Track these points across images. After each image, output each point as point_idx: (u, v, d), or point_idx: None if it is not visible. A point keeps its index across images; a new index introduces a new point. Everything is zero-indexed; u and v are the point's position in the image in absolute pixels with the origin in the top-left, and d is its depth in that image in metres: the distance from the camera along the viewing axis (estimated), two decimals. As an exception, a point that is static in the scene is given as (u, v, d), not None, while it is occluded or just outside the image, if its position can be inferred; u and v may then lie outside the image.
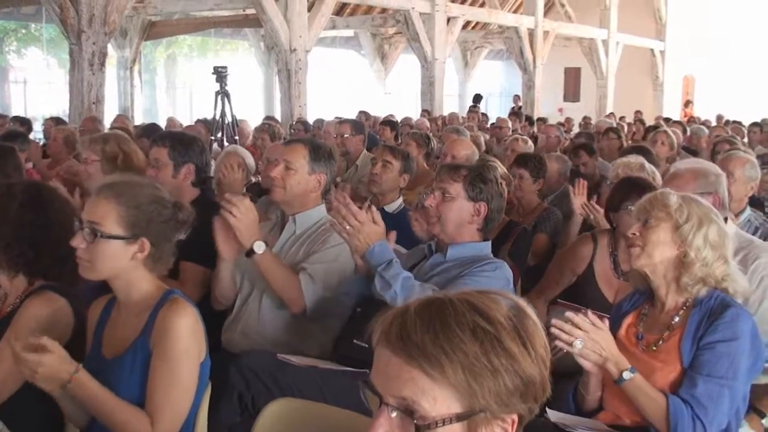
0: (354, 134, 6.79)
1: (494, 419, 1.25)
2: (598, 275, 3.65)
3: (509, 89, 25.78)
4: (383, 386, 1.26)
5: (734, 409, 2.37)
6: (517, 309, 1.31)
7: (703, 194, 3.25)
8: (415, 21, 14.62)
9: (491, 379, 1.22)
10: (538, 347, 1.28)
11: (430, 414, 1.22)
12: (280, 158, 3.47)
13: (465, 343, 1.22)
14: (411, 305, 1.29)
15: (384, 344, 1.27)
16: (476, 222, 3.07)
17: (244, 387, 2.75)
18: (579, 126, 14.35)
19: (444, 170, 3.15)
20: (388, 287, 2.79)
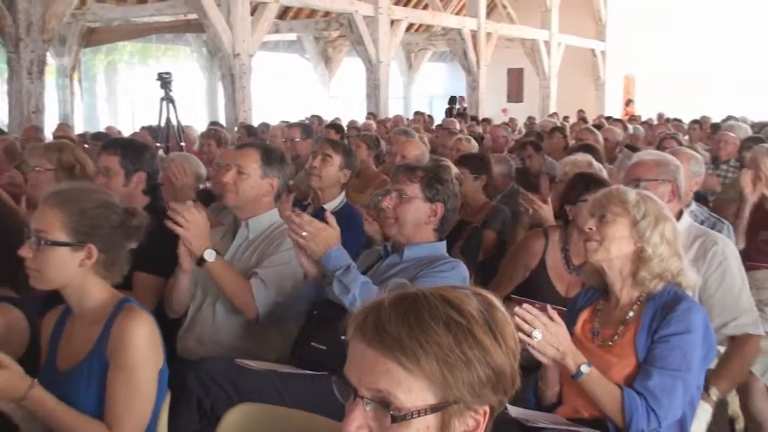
0: (304, 138, 6.79)
1: (467, 410, 1.27)
2: (550, 269, 3.70)
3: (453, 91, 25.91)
4: (358, 379, 1.27)
5: (688, 399, 2.42)
6: (487, 302, 1.33)
7: (663, 181, 3.38)
8: (359, 24, 14.65)
9: (465, 371, 1.25)
10: (508, 339, 1.31)
11: (405, 405, 1.23)
12: (232, 163, 3.45)
13: (439, 336, 1.25)
14: (385, 299, 1.31)
15: (359, 338, 1.28)
16: (433, 222, 3.08)
17: (202, 393, 2.73)
18: (524, 126, 14.51)
19: (400, 171, 3.15)
20: (346, 292, 2.79)
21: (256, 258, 3.30)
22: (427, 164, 3.24)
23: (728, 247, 3.26)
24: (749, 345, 3.08)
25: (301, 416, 2.30)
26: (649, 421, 2.31)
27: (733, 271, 3.17)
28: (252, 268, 3.24)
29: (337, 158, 4.58)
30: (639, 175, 3.42)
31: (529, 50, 22.12)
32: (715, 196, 6.08)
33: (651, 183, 3.36)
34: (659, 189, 3.36)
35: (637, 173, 3.44)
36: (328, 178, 4.59)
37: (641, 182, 3.36)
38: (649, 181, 3.37)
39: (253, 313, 3.15)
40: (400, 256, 3.09)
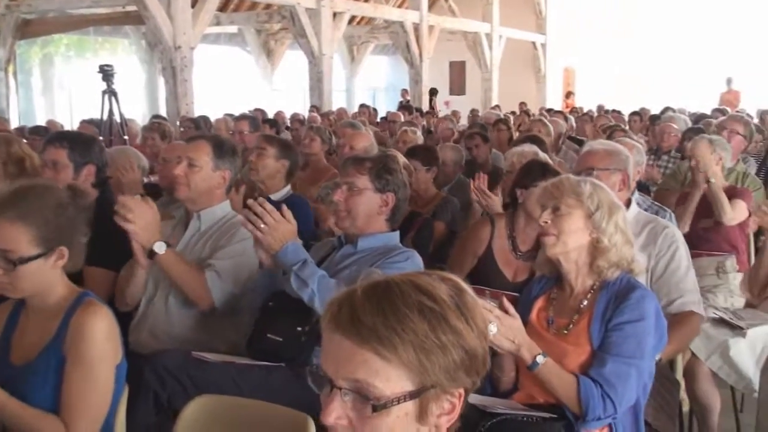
0: (252, 130, 6.75)
1: (444, 394, 1.30)
2: (498, 256, 3.74)
3: (396, 84, 25.95)
4: (335, 370, 1.29)
5: (641, 385, 2.47)
6: (456, 287, 1.36)
7: (614, 170, 3.46)
8: (301, 16, 14.54)
9: (441, 356, 1.28)
10: (478, 322, 1.34)
11: (384, 394, 1.25)
12: (183, 156, 3.43)
13: (414, 323, 1.27)
14: (357, 288, 1.32)
15: (334, 329, 1.30)
16: (385, 213, 3.10)
17: (159, 386, 2.71)
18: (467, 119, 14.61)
19: (349, 164, 3.16)
20: (304, 286, 2.79)
21: (208, 250, 3.29)
22: (375, 155, 3.26)
23: (677, 231, 3.37)
24: (691, 322, 3.17)
25: (259, 406, 2.32)
26: (605, 408, 2.35)
27: (681, 254, 3.27)
28: (205, 260, 3.23)
29: (271, 150, 4.63)
30: (592, 164, 3.49)
31: (471, 43, 22.24)
32: (656, 186, 6.22)
33: (603, 172, 3.44)
34: (611, 178, 3.44)
35: (590, 162, 3.51)
36: (266, 170, 4.63)
37: (594, 171, 3.43)
38: (601, 170, 3.45)
39: (207, 305, 3.13)
40: (354, 246, 3.10)
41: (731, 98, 18.08)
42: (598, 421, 2.38)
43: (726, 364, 3.46)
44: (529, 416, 2.37)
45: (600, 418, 2.37)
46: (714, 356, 3.48)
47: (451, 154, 5.90)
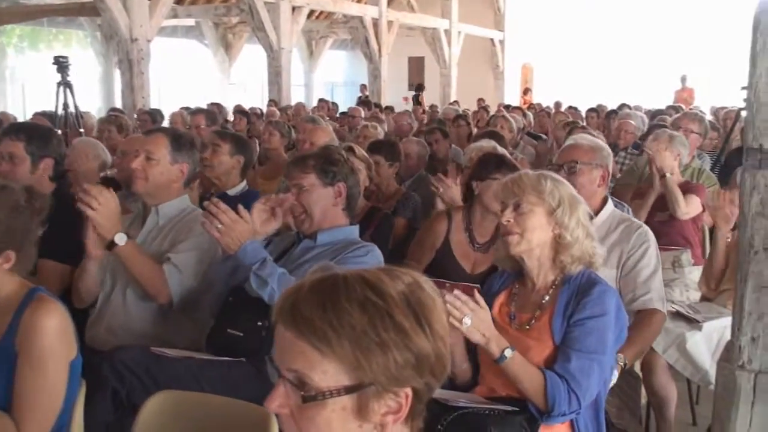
0: (209, 124, 6.68)
1: (385, 392, 1.27)
2: (455, 249, 3.77)
3: (354, 79, 25.93)
4: (280, 360, 1.30)
5: (603, 379, 2.49)
6: (415, 285, 1.33)
7: (596, 166, 3.49)
8: (260, 10, 14.45)
9: (380, 354, 1.25)
10: (434, 323, 1.31)
11: (318, 386, 1.25)
12: (141, 149, 3.38)
13: (352, 317, 1.25)
14: (306, 281, 1.32)
15: (279, 320, 1.30)
16: (340, 203, 3.11)
17: (117, 383, 2.66)
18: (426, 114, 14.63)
19: (291, 166, 3.17)
20: (264, 285, 2.78)
21: (167, 244, 3.25)
22: (315, 151, 3.26)
23: (650, 232, 3.39)
24: (655, 319, 3.20)
25: (220, 401, 2.29)
26: (570, 403, 2.36)
27: (651, 253, 3.29)
28: (163, 255, 3.19)
29: (225, 146, 4.58)
30: (576, 157, 3.51)
31: (429, 39, 22.30)
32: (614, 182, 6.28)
33: (586, 166, 3.47)
34: (593, 173, 3.47)
35: (574, 155, 3.53)
36: (221, 167, 4.58)
37: (578, 165, 3.45)
38: (585, 164, 3.47)
39: (165, 299, 3.10)
40: (314, 241, 3.10)
41: (686, 96, 18.34)
42: (562, 417, 2.39)
43: (683, 357, 3.51)
44: (491, 409, 2.38)
45: (565, 413, 2.38)
46: (671, 349, 3.52)
47: (416, 148, 5.92)
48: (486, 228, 3.72)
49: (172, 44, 23.80)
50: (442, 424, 2.28)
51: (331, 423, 1.26)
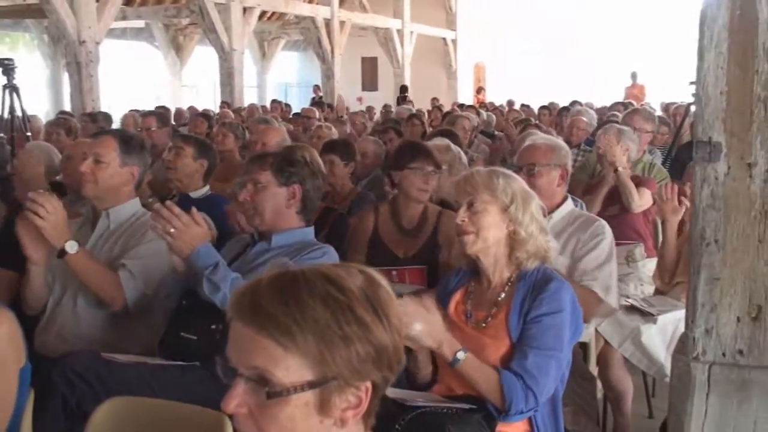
0: (160, 126, 6.59)
1: (347, 387, 1.27)
2: (385, 238, 3.84)
3: (308, 80, 25.83)
4: (237, 358, 1.27)
5: (560, 376, 2.49)
6: (370, 279, 1.33)
7: (555, 166, 3.51)
8: (211, 11, 14.32)
9: (343, 347, 1.25)
10: (391, 317, 1.31)
11: (281, 382, 1.23)
12: (89, 152, 3.33)
13: (316, 311, 1.24)
14: (264, 277, 1.30)
15: (237, 317, 1.27)
16: (294, 205, 3.07)
17: (67, 390, 2.60)
18: (380, 114, 14.63)
19: (251, 161, 3.15)
20: (217, 290, 2.73)
21: (118, 249, 3.20)
22: (277, 150, 3.23)
23: (607, 228, 3.42)
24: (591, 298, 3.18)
25: (173, 407, 2.25)
26: (527, 401, 2.36)
27: (604, 246, 3.32)
28: (115, 259, 3.14)
29: (188, 149, 4.53)
30: (534, 159, 3.53)
31: (382, 39, 22.29)
32: (567, 177, 6.32)
33: (545, 167, 3.49)
34: (552, 173, 3.49)
35: (533, 157, 3.55)
36: (184, 170, 4.54)
37: (536, 167, 3.47)
38: (543, 165, 3.49)
39: (120, 306, 3.05)
40: (269, 243, 3.06)
41: (636, 92, 18.60)
42: (520, 414, 2.39)
43: (638, 350, 3.54)
44: (449, 408, 2.36)
45: (522, 411, 2.37)
46: (626, 343, 3.55)
47: (372, 147, 5.91)
48: (411, 215, 3.84)
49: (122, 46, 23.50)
50: (399, 424, 2.26)
51: (294, 419, 1.24)
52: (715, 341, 2.60)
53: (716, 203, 2.53)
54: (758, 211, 2.49)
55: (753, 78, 2.44)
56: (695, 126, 2.54)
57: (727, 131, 2.49)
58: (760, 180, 2.47)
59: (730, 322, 2.57)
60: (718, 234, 2.55)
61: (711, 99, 2.50)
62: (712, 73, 2.49)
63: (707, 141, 2.52)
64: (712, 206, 2.53)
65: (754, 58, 2.44)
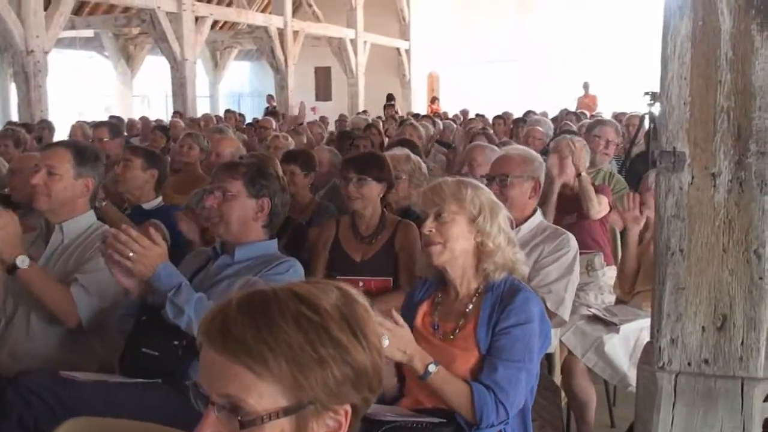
0: (112, 137, 6.47)
1: (325, 411, 1.22)
2: (345, 245, 3.88)
3: (261, 89, 25.69)
4: (209, 385, 1.21)
5: (530, 388, 2.47)
6: (346, 297, 1.28)
7: (528, 178, 3.50)
8: (162, 21, 14.15)
9: (318, 370, 1.19)
10: (369, 335, 1.26)
11: (255, 409, 1.17)
12: (41, 164, 3.23)
13: (288, 334, 1.19)
14: (233, 299, 1.24)
15: (206, 343, 1.22)
16: (261, 219, 3.02)
17: (24, 409, 2.50)
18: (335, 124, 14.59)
19: (222, 169, 3.07)
20: (180, 313, 2.65)
21: (73, 263, 3.11)
22: (250, 160, 3.17)
23: (573, 241, 3.42)
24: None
25: (137, 427, 2.17)
26: (497, 414, 2.33)
27: (566, 260, 3.32)
28: (69, 274, 3.05)
29: (137, 161, 4.48)
30: (507, 171, 3.52)
31: (336, 49, 22.25)
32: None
33: (517, 179, 3.47)
34: (524, 185, 3.48)
35: (506, 168, 3.53)
36: (133, 181, 4.48)
37: (509, 178, 3.45)
38: (516, 177, 3.47)
39: (74, 322, 2.96)
40: (232, 257, 3.00)
41: (589, 102, 18.84)
42: (491, 428, 2.36)
43: (601, 360, 3.54)
44: (419, 422, 2.33)
45: (493, 424, 2.35)
46: (589, 353, 3.55)
47: (328, 156, 5.88)
48: (367, 223, 3.90)
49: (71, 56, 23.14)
50: (369, 439, 2.22)
51: None
52: (681, 351, 2.60)
53: (681, 213, 2.53)
54: (722, 221, 2.50)
55: (716, 88, 2.45)
56: (659, 135, 2.54)
57: (690, 141, 2.50)
58: (724, 190, 2.48)
59: (696, 332, 2.58)
60: (683, 243, 2.56)
61: (675, 109, 2.51)
62: (675, 83, 2.50)
63: (671, 151, 2.53)
64: (676, 216, 2.54)
65: (716, 68, 2.45)
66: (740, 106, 2.43)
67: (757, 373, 2.52)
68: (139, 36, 21.19)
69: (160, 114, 18.65)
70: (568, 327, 3.50)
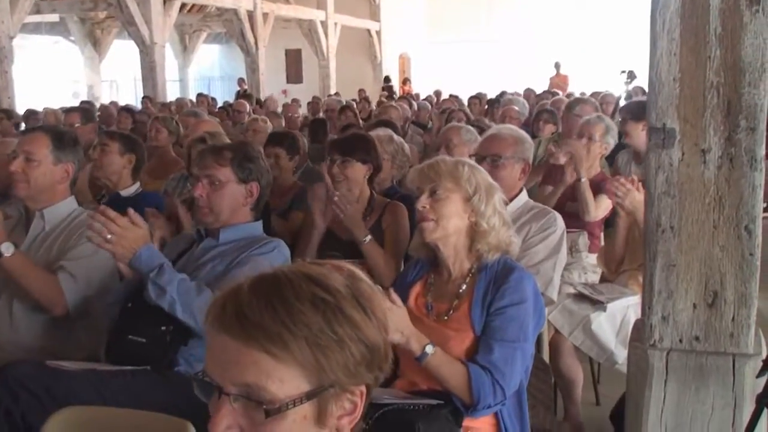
0: (85, 123, 6.37)
1: (343, 393, 1.20)
2: (334, 227, 3.74)
3: (231, 73, 25.50)
4: (221, 375, 1.16)
5: (525, 367, 2.46)
6: (351, 275, 1.26)
7: (518, 159, 3.46)
8: (130, 4, 13.93)
9: (338, 351, 1.17)
10: (377, 312, 1.24)
11: (278, 396, 1.14)
12: (19, 150, 3.17)
13: (307, 316, 1.15)
14: (243, 283, 1.20)
15: (218, 329, 1.17)
16: (249, 203, 2.97)
17: (11, 401, 2.44)
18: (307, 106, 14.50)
19: (207, 155, 2.98)
20: (163, 294, 2.61)
21: (56, 250, 3.06)
22: (234, 143, 3.12)
23: (560, 220, 3.40)
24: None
25: (131, 415, 2.15)
26: (495, 394, 2.32)
27: (552, 239, 3.30)
28: (53, 262, 3.00)
29: (114, 145, 4.39)
30: (499, 151, 3.47)
31: (306, 31, 22.09)
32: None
33: (509, 161, 3.43)
34: (515, 167, 3.45)
35: (497, 149, 3.49)
36: (111, 166, 4.39)
37: (501, 159, 3.41)
38: (507, 158, 3.44)
39: (61, 310, 2.91)
40: (216, 239, 2.96)
41: (560, 81, 18.89)
42: (488, 408, 2.35)
43: (588, 338, 3.54)
44: (416, 404, 2.31)
45: (490, 405, 2.34)
46: (576, 331, 3.55)
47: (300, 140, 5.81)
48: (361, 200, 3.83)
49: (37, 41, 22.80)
50: (367, 423, 2.20)
51: None
52: (672, 328, 2.61)
53: (671, 190, 2.53)
54: (712, 198, 2.50)
55: (706, 64, 2.45)
56: (648, 112, 2.53)
57: (680, 117, 2.50)
58: (714, 166, 2.48)
59: (687, 309, 2.58)
60: (673, 221, 2.56)
61: (664, 85, 2.50)
62: (665, 60, 2.49)
63: (661, 128, 2.52)
64: (667, 193, 2.54)
65: (706, 44, 2.45)
66: (730, 82, 2.43)
67: (748, 349, 2.53)
68: (106, 20, 20.94)
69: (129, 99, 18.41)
70: (554, 306, 3.50)
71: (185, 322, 2.63)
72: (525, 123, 7.79)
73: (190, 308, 2.61)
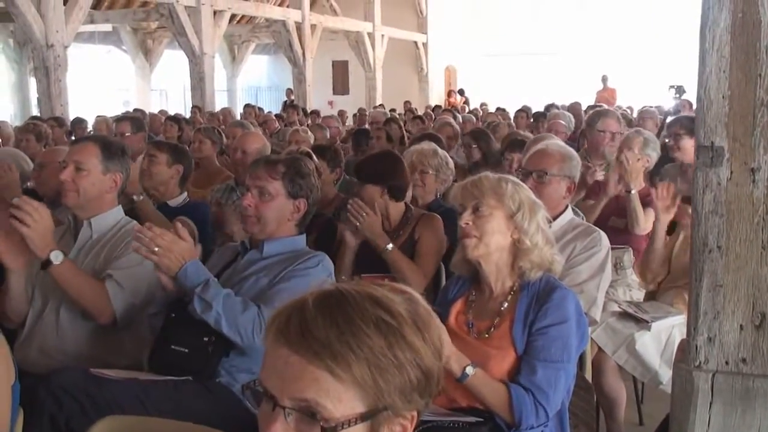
0: (135, 132, 6.46)
1: (396, 417, 1.20)
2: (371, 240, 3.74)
3: (278, 83, 25.70)
4: (279, 388, 1.17)
5: (567, 388, 2.44)
6: (410, 299, 1.26)
7: (564, 177, 3.43)
8: (181, 15, 14.16)
9: (397, 375, 1.17)
10: (434, 338, 1.24)
11: (333, 415, 1.14)
12: (69, 159, 3.22)
13: (371, 338, 1.16)
14: (308, 298, 1.21)
15: (281, 343, 1.18)
16: (295, 218, 2.99)
17: (55, 408, 2.48)
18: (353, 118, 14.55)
19: (260, 167, 2.99)
20: (209, 309, 2.64)
21: (102, 259, 3.09)
22: (288, 158, 3.13)
23: (605, 239, 3.35)
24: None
25: (172, 426, 2.15)
26: (537, 415, 2.30)
27: (597, 258, 3.26)
28: (99, 271, 3.04)
29: (162, 156, 4.48)
30: (546, 167, 3.44)
31: (353, 43, 22.21)
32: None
33: (555, 177, 3.41)
34: (561, 184, 3.41)
35: (544, 164, 3.46)
36: (159, 177, 4.47)
37: (547, 175, 3.39)
38: (554, 175, 3.41)
39: (107, 318, 2.95)
40: (260, 251, 2.97)
41: (608, 96, 18.65)
42: (531, 430, 2.32)
43: (632, 357, 3.49)
44: (456, 422, 2.30)
45: (533, 426, 2.31)
46: (620, 350, 3.51)
47: None
48: (392, 217, 3.88)
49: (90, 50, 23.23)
50: (406, 439, 2.19)
51: None
52: (718, 349, 2.56)
53: (719, 209, 2.49)
54: (761, 217, 2.45)
55: (756, 81, 2.41)
56: (696, 130, 2.50)
57: (729, 136, 2.45)
58: (763, 185, 2.43)
59: (733, 330, 2.53)
60: (720, 240, 2.51)
61: (713, 103, 2.46)
62: (714, 77, 2.45)
63: (709, 146, 2.48)
64: (714, 212, 2.49)
65: (756, 61, 2.40)
66: (780, 100, 2.39)
67: (796, 373, 2.47)
68: (157, 30, 21.27)
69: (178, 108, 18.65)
70: (598, 324, 3.45)
71: (230, 337, 2.65)
72: (571, 137, 7.72)
73: (236, 324, 2.64)
